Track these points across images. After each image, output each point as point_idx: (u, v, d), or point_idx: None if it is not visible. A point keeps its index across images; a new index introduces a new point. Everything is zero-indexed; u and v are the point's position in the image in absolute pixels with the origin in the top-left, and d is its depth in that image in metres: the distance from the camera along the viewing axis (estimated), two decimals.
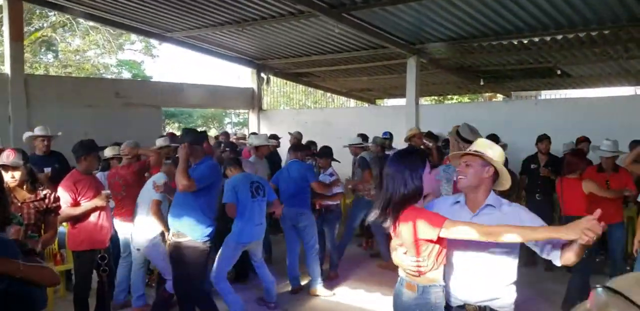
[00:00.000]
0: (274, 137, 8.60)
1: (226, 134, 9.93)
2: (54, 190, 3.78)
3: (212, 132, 28.10)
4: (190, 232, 4.12)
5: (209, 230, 4.17)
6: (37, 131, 6.10)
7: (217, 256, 4.80)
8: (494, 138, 6.36)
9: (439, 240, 2.33)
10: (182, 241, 4.12)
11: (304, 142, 8.52)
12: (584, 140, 6.97)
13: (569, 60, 10.01)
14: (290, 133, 9.03)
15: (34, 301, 2.08)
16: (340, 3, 7.38)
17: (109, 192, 4.32)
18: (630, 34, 8.02)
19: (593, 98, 10.82)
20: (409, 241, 2.40)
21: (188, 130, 4.61)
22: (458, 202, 2.57)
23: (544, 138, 6.90)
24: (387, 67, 11.54)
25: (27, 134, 6.19)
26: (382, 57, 10.59)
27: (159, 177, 4.86)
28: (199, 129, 5.43)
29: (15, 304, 1.98)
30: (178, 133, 10.90)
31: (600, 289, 1.05)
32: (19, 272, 1.95)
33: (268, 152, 7.01)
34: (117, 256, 5.10)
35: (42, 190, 3.55)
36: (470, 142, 5.45)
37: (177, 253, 4.15)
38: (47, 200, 3.53)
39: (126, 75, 23.84)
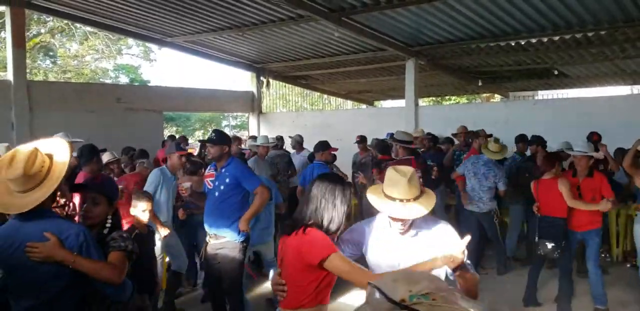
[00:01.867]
0: (280, 138, 8.65)
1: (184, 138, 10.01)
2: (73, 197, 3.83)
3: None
4: (229, 233, 4.21)
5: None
6: (59, 137, 5.97)
7: None
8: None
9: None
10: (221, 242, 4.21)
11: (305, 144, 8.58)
12: (598, 138, 6.75)
13: (565, 61, 10.11)
14: (290, 137, 9.09)
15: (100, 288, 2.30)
16: (340, 7, 7.47)
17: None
18: (626, 34, 8.12)
19: (590, 98, 10.93)
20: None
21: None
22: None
23: (520, 141, 6.84)
24: (386, 69, 11.63)
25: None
26: (380, 59, 10.68)
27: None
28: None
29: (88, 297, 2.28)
30: (177, 136, 10.96)
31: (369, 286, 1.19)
32: (71, 263, 2.18)
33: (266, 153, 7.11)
34: None
35: (61, 197, 3.60)
36: (407, 143, 5.68)
37: (221, 254, 4.21)
38: (66, 208, 3.58)
39: (123, 79, 23.91)
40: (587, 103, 9.02)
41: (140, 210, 3.89)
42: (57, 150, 2.37)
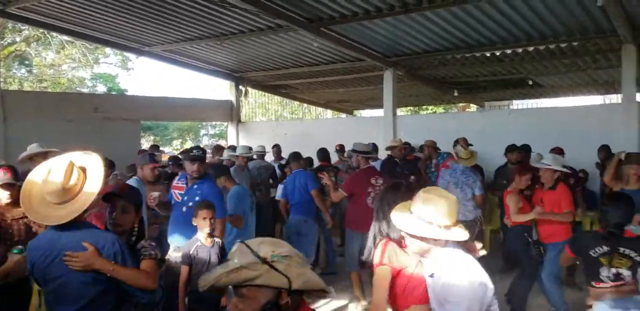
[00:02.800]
0: (262, 148, 8.69)
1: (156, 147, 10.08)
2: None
3: (188, 145, 28.01)
4: None
5: None
6: (34, 148, 5.74)
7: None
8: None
9: None
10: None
11: (285, 154, 8.61)
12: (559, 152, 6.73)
13: (540, 71, 10.34)
14: (273, 148, 9.11)
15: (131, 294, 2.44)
16: (318, 18, 7.54)
17: None
18: (598, 46, 8.35)
19: (564, 107, 11.14)
20: None
21: None
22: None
23: (513, 149, 6.76)
24: (364, 79, 11.75)
25: (24, 154, 5.76)
26: (359, 69, 10.78)
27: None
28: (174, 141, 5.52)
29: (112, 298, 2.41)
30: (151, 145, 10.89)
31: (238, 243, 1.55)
32: (109, 271, 2.32)
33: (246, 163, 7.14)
34: None
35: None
36: (365, 153, 5.77)
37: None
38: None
39: (101, 88, 23.69)
40: (560, 113, 9.19)
41: None
42: (90, 164, 2.50)
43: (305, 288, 1.53)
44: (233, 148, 8.19)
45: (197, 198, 4.18)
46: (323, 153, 7.32)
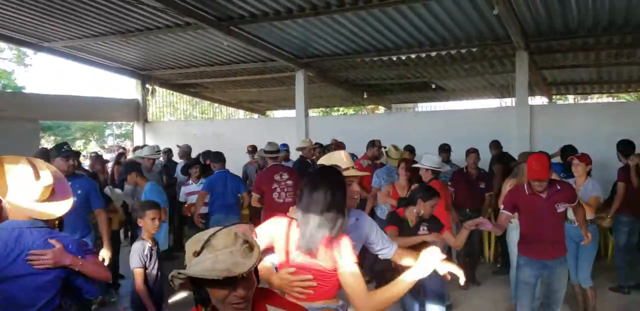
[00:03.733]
0: (169, 151, 8.48)
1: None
2: None
3: (92, 145, 26.71)
4: None
5: None
6: None
7: None
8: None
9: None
10: None
11: (194, 154, 8.47)
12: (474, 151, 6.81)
13: (442, 75, 10.86)
14: (178, 146, 8.89)
15: (82, 290, 2.54)
16: (228, 17, 7.47)
17: None
18: (494, 52, 8.91)
19: (464, 110, 11.75)
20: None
21: None
22: (357, 219, 2.64)
23: (471, 152, 6.54)
24: (276, 80, 11.78)
25: None
26: (271, 69, 10.79)
27: None
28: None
29: (70, 289, 2.49)
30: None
31: None
32: (79, 266, 2.42)
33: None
34: None
35: None
36: (273, 153, 6.12)
37: None
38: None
39: None
40: (460, 115, 9.70)
41: None
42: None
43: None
44: (139, 149, 8.00)
45: (79, 192, 4.21)
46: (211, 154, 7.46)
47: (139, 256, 3.65)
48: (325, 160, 2.72)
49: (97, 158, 7.95)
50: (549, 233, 3.84)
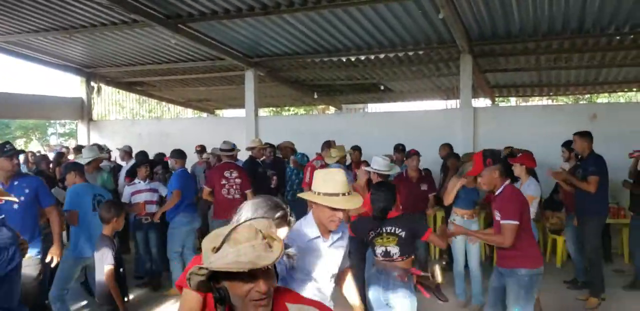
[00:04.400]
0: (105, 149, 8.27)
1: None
2: None
3: (34, 144, 25.73)
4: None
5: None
6: None
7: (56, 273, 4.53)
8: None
9: None
10: None
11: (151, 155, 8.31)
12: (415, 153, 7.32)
13: (390, 77, 11.07)
14: (118, 149, 8.62)
15: None
16: (176, 14, 7.36)
17: None
18: (440, 55, 9.15)
19: (411, 111, 12.03)
20: None
21: None
22: (318, 237, 2.63)
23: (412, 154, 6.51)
24: (226, 79, 11.68)
25: None
26: (220, 68, 10.70)
27: None
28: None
29: None
30: None
31: None
32: None
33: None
34: None
35: None
36: (228, 151, 6.31)
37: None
38: None
39: None
40: (408, 116, 9.92)
41: None
42: None
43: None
44: (79, 150, 7.80)
45: (26, 191, 4.11)
46: (142, 156, 7.50)
47: (111, 254, 3.71)
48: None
49: (43, 158, 7.73)
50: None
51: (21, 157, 7.45)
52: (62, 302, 4.47)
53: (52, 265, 4.31)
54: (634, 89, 12.86)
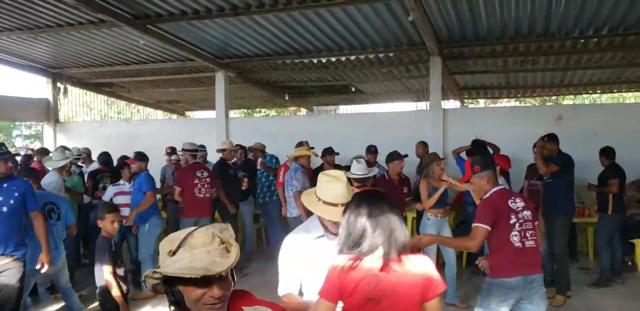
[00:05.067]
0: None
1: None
2: None
3: None
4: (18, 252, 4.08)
5: None
6: None
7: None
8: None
9: None
10: None
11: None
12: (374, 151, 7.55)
13: (361, 79, 11.11)
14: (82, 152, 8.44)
15: None
16: (145, 15, 7.25)
17: None
18: (410, 57, 9.23)
19: (382, 113, 12.11)
20: None
21: None
22: (322, 235, 2.50)
23: (332, 152, 7.17)
24: (196, 80, 11.57)
25: None
26: (190, 69, 10.58)
27: None
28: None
29: None
30: None
31: None
32: None
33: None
34: None
35: None
36: (192, 151, 6.63)
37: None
38: None
39: None
40: (379, 118, 9.99)
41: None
42: None
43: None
44: (45, 152, 7.65)
45: (16, 194, 4.02)
46: (104, 158, 7.52)
47: (109, 254, 3.85)
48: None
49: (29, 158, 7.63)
50: None
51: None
52: None
53: (42, 272, 4.22)
54: (598, 91, 13.19)
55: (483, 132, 8.23)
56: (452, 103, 14.00)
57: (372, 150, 7.57)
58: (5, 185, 4.02)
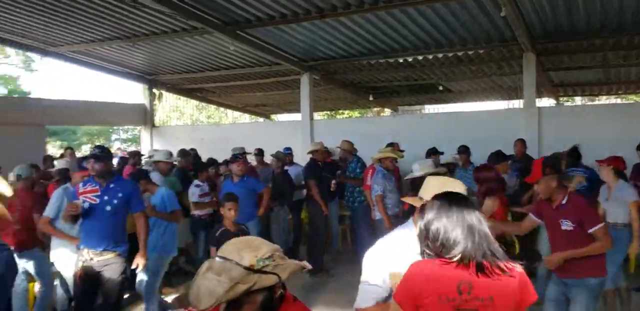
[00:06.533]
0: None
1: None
2: None
3: None
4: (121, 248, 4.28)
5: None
6: None
7: None
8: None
9: None
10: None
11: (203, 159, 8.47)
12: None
13: (449, 77, 10.82)
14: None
15: None
16: (234, 21, 7.47)
17: None
18: (502, 53, 8.86)
19: (471, 112, 11.70)
20: None
21: None
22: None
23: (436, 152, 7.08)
24: (282, 83, 11.77)
25: None
26: (276, 73, 10.79)
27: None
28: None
29: None
30: (60, 152, 10.43)
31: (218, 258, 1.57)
32: None
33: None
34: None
35: None
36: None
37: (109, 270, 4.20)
38: None
39: (1, 91, 22.11)
40: (467, 117, 9.66)
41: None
42: None
43: (291, 275, 1.62)
44: (137, 153, 8.12)
45: (120, 195, 4.18)
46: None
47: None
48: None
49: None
50: (555, 248, 3.54)
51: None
52: None
53: (138, 271, 4.47)
54: None
55: (581, 131, 7.77)
56: (545, 101, 13.33)
57: (432, 151, 7.32)
58: (111, 185, 4.21)
